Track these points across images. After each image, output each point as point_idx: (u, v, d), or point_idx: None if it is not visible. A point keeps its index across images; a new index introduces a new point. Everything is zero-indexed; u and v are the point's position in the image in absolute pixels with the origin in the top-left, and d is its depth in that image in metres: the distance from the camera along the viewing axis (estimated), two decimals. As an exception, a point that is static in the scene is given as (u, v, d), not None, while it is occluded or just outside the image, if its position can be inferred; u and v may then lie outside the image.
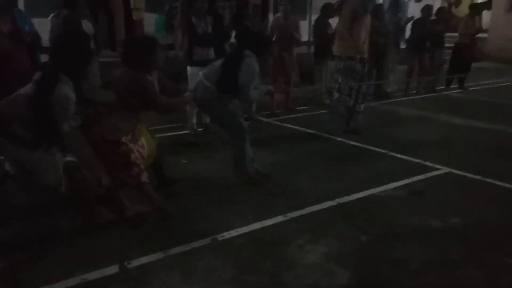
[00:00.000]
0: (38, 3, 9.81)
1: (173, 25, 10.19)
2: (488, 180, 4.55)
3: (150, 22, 9.88)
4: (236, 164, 4.32)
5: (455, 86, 9.69)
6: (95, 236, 3.29)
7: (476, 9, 9.76)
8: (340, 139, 5.90)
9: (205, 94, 4.15)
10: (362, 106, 6.21)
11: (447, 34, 9.44)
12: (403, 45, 9.66)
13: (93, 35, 5.76)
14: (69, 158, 3.28)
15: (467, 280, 2.89)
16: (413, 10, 12.62)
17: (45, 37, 5.26)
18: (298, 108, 7.50)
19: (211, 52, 5.97)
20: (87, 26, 5.75)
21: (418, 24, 8.84)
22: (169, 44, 10.32)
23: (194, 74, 5.79)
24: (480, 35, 10.27)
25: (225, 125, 4.40)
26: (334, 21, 7.72)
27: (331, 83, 7.71)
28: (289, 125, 6.57)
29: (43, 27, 5.47)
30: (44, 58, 4.26)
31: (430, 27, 8.80)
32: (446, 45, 9.43)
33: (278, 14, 7.38)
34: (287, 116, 7.04)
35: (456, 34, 9.78)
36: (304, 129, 6.35)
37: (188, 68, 5.98)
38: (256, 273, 2.90)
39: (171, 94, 3.83)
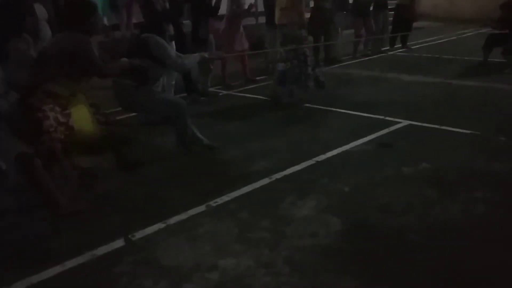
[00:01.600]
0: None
1: (117, 5, 9.97)
2: (444, 127, 4.95)
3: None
4: (181, 140, 4.41)
5: (398, 45, 10.15)
6: (93, 216, 3.35)
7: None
8: (303, 104, 6.12)
9: (124, 93, 4.20)
10: (310, 68, 6.27)
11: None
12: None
13: (47, 20, 5.60)
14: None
15: (445, 214, 3.21)
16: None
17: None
18: (256, 78, 7.64)
19: (170, 28, 5.97)
20: (40, 9, 5.56)
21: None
22: (115, 25, 10.12)
23: None
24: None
25: (162, 111, 4.42)
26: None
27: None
28: (251, 95, 6.72)
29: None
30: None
31: None
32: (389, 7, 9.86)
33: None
34: (247, 87, 7.19)
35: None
36: (266, 98, 6.52)
37: None
38: (258, 230, 3.09)
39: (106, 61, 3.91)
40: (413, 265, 2.68)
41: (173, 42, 6.07)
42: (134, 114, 5.36)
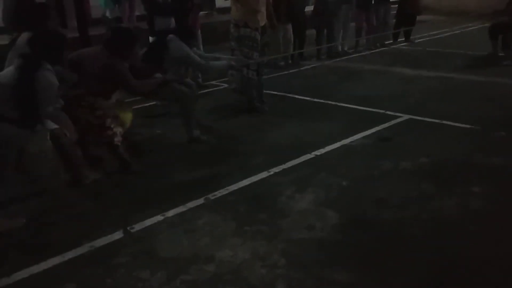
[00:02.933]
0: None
1: (120, -2, 9.97)
2: (445, 122, 4.95)
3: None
4: (185, 125, 4.59)
5: (401, 39, 10.12)
6: (91, 208, 3.40)
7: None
8: (302, 97, 6.13)
9: None
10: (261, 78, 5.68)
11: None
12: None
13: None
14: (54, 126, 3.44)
15: (442, 208, 3.23)
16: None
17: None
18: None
19: (172, 22, 6.00)
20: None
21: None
22: (118, 17, 10.12)
23: None
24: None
25: (165, 98, 4.64)
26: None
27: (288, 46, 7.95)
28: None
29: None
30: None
31: None
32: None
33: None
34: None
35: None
36: (266, 91, 6.51)
37: (150, 38, 5.99)
38: (255, 224, 3.11)
39: (143, 75, 4.14)
40: (408, 259, 2.70)
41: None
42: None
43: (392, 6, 9.91)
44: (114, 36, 3.92)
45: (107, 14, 10.57)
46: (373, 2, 9.32)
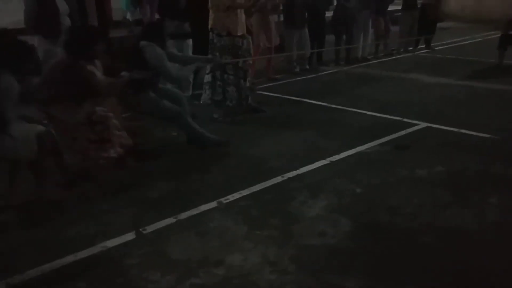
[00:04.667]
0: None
1: (141, 1, 10.09)
2: (463, 131, 4.88)
3: (116, -2, 9.73)
4: (190, 137, 4.52)
5: (422, 46, 10.02)
6: (104, 208, 3.42)
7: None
8: (319, 102, 6.11)
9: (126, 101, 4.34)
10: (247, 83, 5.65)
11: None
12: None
13: (68, 14, 5.72)
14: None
15: (457, 218, 3.18)
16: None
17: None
18: (277, 76, 7.65)
19: (186, 26, 6.00)
20: (62, 4, 5.68)
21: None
22: (138, 20, 10.24)
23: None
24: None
25: (160, 116, 4.49)
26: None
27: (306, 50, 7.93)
28: (269, 93, 6.73)
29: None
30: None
31: None
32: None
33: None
34: (266, 85, 7.19)
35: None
36: (283, 96, 6.53)
37: None
38: (267, 228, 3.11)
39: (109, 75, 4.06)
40: (421, 267, 2.67)
41: (190, 40, 6.10)
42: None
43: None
44: (72, 36, 3.86)
45: (128, 16, 10.74)
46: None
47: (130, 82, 4.13)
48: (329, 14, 8.87)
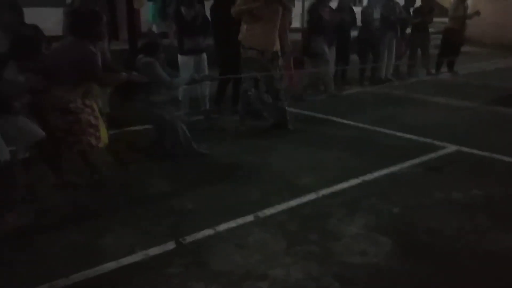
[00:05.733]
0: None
1: (167, 14, 10.24)
2: (495, 156, 4.84)
3: (145, 10, 9.90)
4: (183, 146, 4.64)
5: (444, 70, 10.03)
6: (143, 218, 3.45)
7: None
8: (346, 121, 6.12)
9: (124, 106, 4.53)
10: (284, 102, 5.76)
11: (436, 20, 9.81)
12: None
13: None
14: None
15: (497, 242, 3.15)
16: None
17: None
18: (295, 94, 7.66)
19: (202, 41, 6.06)
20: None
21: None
22: (164, 33, 10.39)
23: (184, 63, 5.99)
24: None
25: (151, 122, 4.72)
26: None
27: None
28: (297, 110, 6.74)
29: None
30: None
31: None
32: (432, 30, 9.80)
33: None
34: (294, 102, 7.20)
35: (442, 20, 10.12)
36: (310, 113, 6.56)
37: (179, 56, 6.07)
38: (306, 244, 3.10)
39: (108, 69, 4.15)
40: (466, 292, 2.65)
41: (204, 54, 6.15)
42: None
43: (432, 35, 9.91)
44: (77, 18, 4.01)
45: (154, 28, 10.90)
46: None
47: (128, 82, 4.26)
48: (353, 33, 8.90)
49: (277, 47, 5.58)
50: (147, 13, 10.26)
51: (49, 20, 6.30)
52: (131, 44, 7.20)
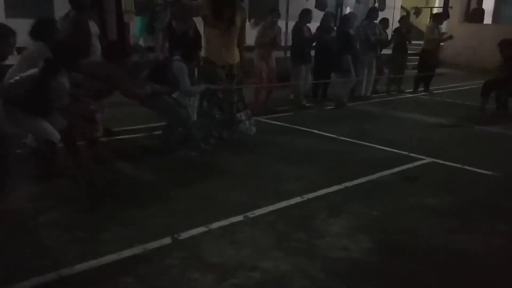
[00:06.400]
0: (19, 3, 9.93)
1: (154, 28, 10.50)
2: (466, 167, 5.20)
3: (134, 24, 10.13)
4: (165, 135, 5.32)
5: (421, 89, 10.51)
6: (138, 216, 3.65)
7: (439, 19, 10.62)
8: (329, 134, 6.44)
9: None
10: (241, 114, 5.88)
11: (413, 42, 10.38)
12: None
13: (98, 35, 6.07)
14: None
15: (469, 242, 3.46)
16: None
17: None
18: (279, 108, 7.98)
19: None
20: (94, 27, 6.04)
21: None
22: (151, 47, 10.63)
23: None
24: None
25: (165, 113, 5.31)
26: (312, 27, 8.44)
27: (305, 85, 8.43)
28: (279, 123, 7.05)
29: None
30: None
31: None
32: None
33: (267, 21, 7.85)
34: (271, 115, 7.48)
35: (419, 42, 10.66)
36: (294, 126, 6.85)
37: None
38: (294, 241, 3.36)
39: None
40: (437, 282, 2.92)
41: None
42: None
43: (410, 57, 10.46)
44: (111, 48, 4.93)
45: (141, 42, 11.13)
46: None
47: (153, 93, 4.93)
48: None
49: (233, 60, 5.67)
50: (132, 27, 10.49)
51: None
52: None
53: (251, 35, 11.53)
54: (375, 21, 9.42)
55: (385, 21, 9.73)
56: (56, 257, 3.01)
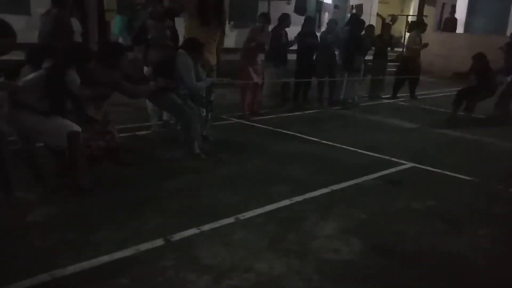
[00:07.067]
0: None
1: (133, 27, 10.39)
2: (446, 172, 5.35)
3: (113, 23, 10.02)
4: (185, 139, 5.26)
5: (400, 95, 10.75)
6: (131, 216, 3.62)
7: (422, 28, 10.91)
8: (311, 138, 6.51)
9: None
10: (209, 115, 6.00)
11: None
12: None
13: (81, 33, 5.98)
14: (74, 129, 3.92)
15: (453, 244, 3.56)
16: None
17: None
18: (262, 111, 8.02)
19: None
20: (76, 24, 5.95)
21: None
22: (130, 46, 10.51)
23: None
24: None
25: (172, 111, 5.40)
26: (289, 31, 8.52)
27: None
28: (262, 126, 7.09)
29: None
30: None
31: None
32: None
33: (257, 25, 7.89)
34: (256, 118, 7.54)
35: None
36: (276, 129, 6.90)
37: (145, 68, 6.32)
38: (286, 243, 3.39)
39: (135, 80, 4.69)
40: (429, 284, 3.00)
41: None
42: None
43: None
44: (103, 49, 4.59)
45: (120, 41, 11.00)
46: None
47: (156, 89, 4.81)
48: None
49: (213, 61, 5.84)
50: (112, 26, 10.38)
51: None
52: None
53: (231, 38, 11.67)
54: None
55: (370, 28, 9.90)
56: (48, 258, 2.96)
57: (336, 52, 9.12)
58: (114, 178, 4.41)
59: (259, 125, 7.13)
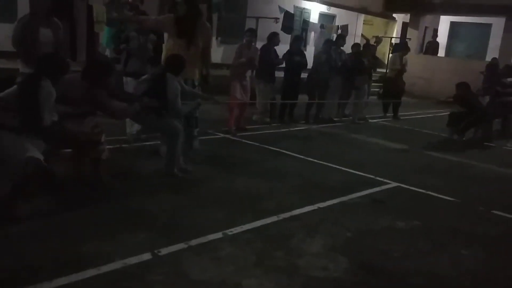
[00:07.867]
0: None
1: (120, 39, 10.38)
2: (429, 192, 5.44)
3: (101, 35, 9.99)
4: (167, 160, 5.04)
5: (382, 115, 10.92)
6: (119, 230, 3.60)
7: (406, 50, 11.15)
8: (297, 155, 6.56)
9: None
10: (195, 130, 5.96)
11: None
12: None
13: (53, 43, 5.74)
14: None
15: (437, 264, 3.62)
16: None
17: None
18: (249, 127, 8.09)
19: (147, 66, 6.32)
20: (45, 34, 5.62)
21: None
22: (117, 58, 10.49)
23: (128, 84, 6.25)
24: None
25: (161, 129, 5.28)
26: (278, 49, 8.66)
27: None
28: (248, 141, 7.13)
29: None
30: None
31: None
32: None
33: (244, 42, 7.98)
34: (243, 134, 7.58)
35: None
36: (263, 145, 6.94)
37: (124, 78, 6.35)
38: (273, 259, 3.40)
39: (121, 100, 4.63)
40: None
41: None
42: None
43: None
44: (91, 67, 4.42)
45: (107, 53, 10.96)
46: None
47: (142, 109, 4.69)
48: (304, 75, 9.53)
49: (194, 76, 5.76)
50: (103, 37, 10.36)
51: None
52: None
53: (218, 53, 11.77)
54: (341, 48, 9.74)
55: (356, 47, 10.08)
56: (34, 270, 2.92)
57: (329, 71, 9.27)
58: (100, 192, 4.37)
59: (245, 141, 7.16)
